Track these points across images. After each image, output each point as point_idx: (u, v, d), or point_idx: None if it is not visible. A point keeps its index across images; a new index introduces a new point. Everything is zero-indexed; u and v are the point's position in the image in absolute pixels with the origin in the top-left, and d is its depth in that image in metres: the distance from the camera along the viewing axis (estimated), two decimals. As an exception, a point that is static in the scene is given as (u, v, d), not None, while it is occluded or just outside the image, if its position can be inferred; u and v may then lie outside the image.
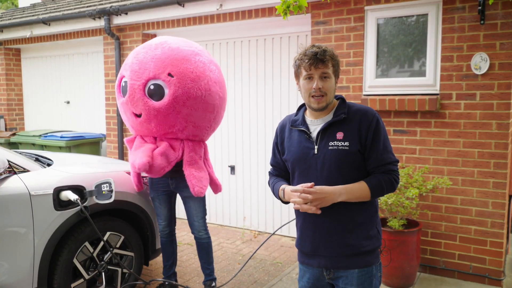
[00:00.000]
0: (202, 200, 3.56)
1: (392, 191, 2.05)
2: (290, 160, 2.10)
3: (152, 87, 3.20)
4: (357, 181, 1.99)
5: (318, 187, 1.93)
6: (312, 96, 1.99)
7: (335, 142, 1.98)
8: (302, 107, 2.19)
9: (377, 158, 1.99)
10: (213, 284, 3.71)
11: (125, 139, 3.53)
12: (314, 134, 2.05)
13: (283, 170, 2.24)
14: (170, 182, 3.51)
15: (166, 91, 3.19)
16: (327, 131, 2.02)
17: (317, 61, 1.96)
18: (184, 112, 3.24)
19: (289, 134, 2.14)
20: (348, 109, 2.04)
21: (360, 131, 1.98)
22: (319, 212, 1.95)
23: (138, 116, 3.28)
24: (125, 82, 3.32)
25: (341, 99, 2.10)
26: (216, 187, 3.65)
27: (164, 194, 3.57)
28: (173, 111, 3.21)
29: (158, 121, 3.24)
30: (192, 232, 3.64)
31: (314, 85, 1.97)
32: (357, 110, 2.03)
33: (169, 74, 3.18)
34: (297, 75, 2.08)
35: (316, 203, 1.93)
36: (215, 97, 3.37)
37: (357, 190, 1.96)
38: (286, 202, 2.15)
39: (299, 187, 1.96)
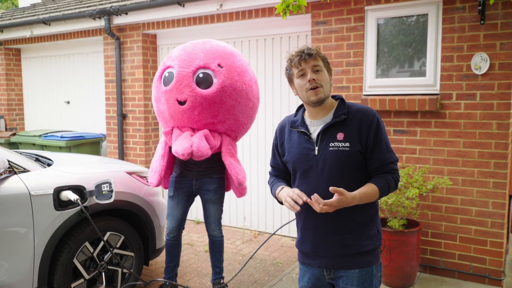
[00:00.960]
0: (221, 203, 3.63)
1: (395, 190, 2.07)
2: (291, 162, 2.10)
3: (201, 75, 3.29)
4: (357, 181, 1.99)
5: (336, 200, 1.86)
6: (309, 90, 1.99)
7: (336, 143, 1.98)
8: (301, 107, 2.19)
9: (380, 158, 2.00)
10: (222, 281, 3.73)
11: (162, 131, 3.51)
12: (314, 135, 2.05)
13: (282, 171, 2.24)
14: (194, 183, 3.53)
15: (215, 80, 3.29)
16: (327, 132, 2.01)
17: (305, 56, 1.98)
18: (228, 103, 3.33)
19: (289, 135, 2.14)
20: (348, 109, 2.04)
21: (360, 131, 1.98)
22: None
23: (182, 103, 3.29)
24: (170, 72, 3.36)
25: (341, 100, 2.10)
26: (242, 190, 3.62)
27: (185, 194, 3.58)
28: (219, 101, 3.29)
29: (202, 108, 3.28)
30: (207, 231, 3.69)
31: (309, 77, 1.98)
32: (357, 110, 2.03)
33: (219, 65, 3.32)
34: (290, 79, 2.09)
35: (327, 209, 1.90)
36: (254, 95, 3.53)
37: (369, 194, 1.96)
38: (282, 202, 2.14)
39: (318, 208, 1.90)
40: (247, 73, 3.48)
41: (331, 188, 1.86)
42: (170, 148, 3.46)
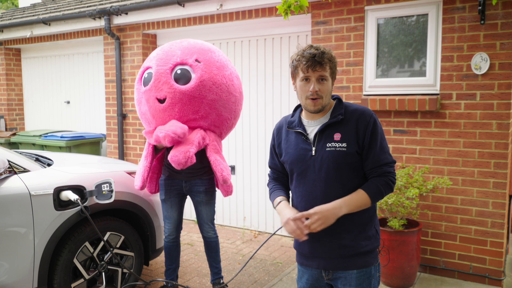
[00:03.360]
0: (213, 204, 3.59)
1: (390, 192, 2.05)
2: (288, 162, 2.10)
3: (179, 71, 3.27)
4: (355, 182, 1.99)
5: (317, 208, 1.92)
6: (309, 99, 1.98)
7: (333, 143, 1.98)
8: (298, 108, 2.18)
9: (374, 159, 1.99)
10: (222, 281, 3.72)
11: (143, 131, 3.47)
12: (311, 136, 2.04)
13: (281, 172, 2.24)
14: (184, 185, 3.51)
15: (193, 75, 3.27)
16: (324, 133, 2.01)
17: (315, 64, 1.94)
18: (209, 97, 3.29)
19: (286, 136, 2.13)
20: (345, 109, 2.03)
21: (357, 132, 1.98)
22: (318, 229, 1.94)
23: (162, 101, 3.27)
24: (149, 73, 3.36)
25: (338, 100, 2.09)
26: (228, 188, 3.59)
27: (177, 196, 3.55)
28: (198, 95, 3.26)
29: (182, 104, 3.25)
30: (201, 232, 3.66)
31: (311, 88, 1.96)
32: (354, 110, 2.03)
33: (196, 60, 3.30)
34: (293, 76, 2.05)
35: (318, 223, 1.91)
36: (236, 90, 3.48)
37: (357, 199, 1.95)
38: None
39: (299, 215, 1.94)
40: (227, 68, 3.43)
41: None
42: (153, 148, 3.43)
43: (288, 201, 2.16)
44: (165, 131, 3.11)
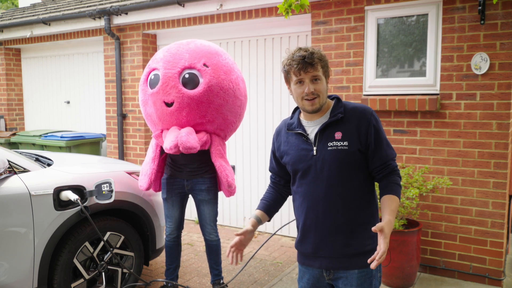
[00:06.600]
0: (215, 204, 3.58)
1: None
2: (290, 163, 2.10)
3: (187, 75, 3.27)
4: (356, 181, 2.00)
5: (384, 242, 1.79)
6: (305, 99, 1.98)
7: (334, 142, 1.98)
8: (296, 109, 2.18)
9: (382, 155, 2.00)
10: (222, 281, 3.71)
11: (153, 135, 3.49)
12: (311, 136, 2.04)
13: (278, 175, 2.25)
14: (186, 183, 3.51)
15: (201, 80, 3.28)
16: (325, 132, 2.01)
17: (306, 65, 1.94)
18: (216, 102, 3.31)
19: (286, 138, 2.13)
20: (344, 108, 2.03)
21: (359, 130, 1.98)
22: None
23: (169, 105, 3.27)
24: (155, 74, 3.35)
25: (336, 99, 2.09)
26: (232, 190, 3.59)
27: (178, 195, 3.55)
28: (206, 100, 3.27)
29: (190, 109, 3.26)
30: (203, 234, 3.64)
31: (306, 90, 1.96)
32: (354, 108, 2.03)
33: (204, 65, 3.30)
34: (287, 80, 2.06)
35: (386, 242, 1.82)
36: (242, 93, 3.51)
37: (396, 207, 1.96)
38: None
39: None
40: (233, 72, 3.45)
41: (373, 229, 1.79)
42: (160, 151, 3.46)
43: (267, 215, 2.29)
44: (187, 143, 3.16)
